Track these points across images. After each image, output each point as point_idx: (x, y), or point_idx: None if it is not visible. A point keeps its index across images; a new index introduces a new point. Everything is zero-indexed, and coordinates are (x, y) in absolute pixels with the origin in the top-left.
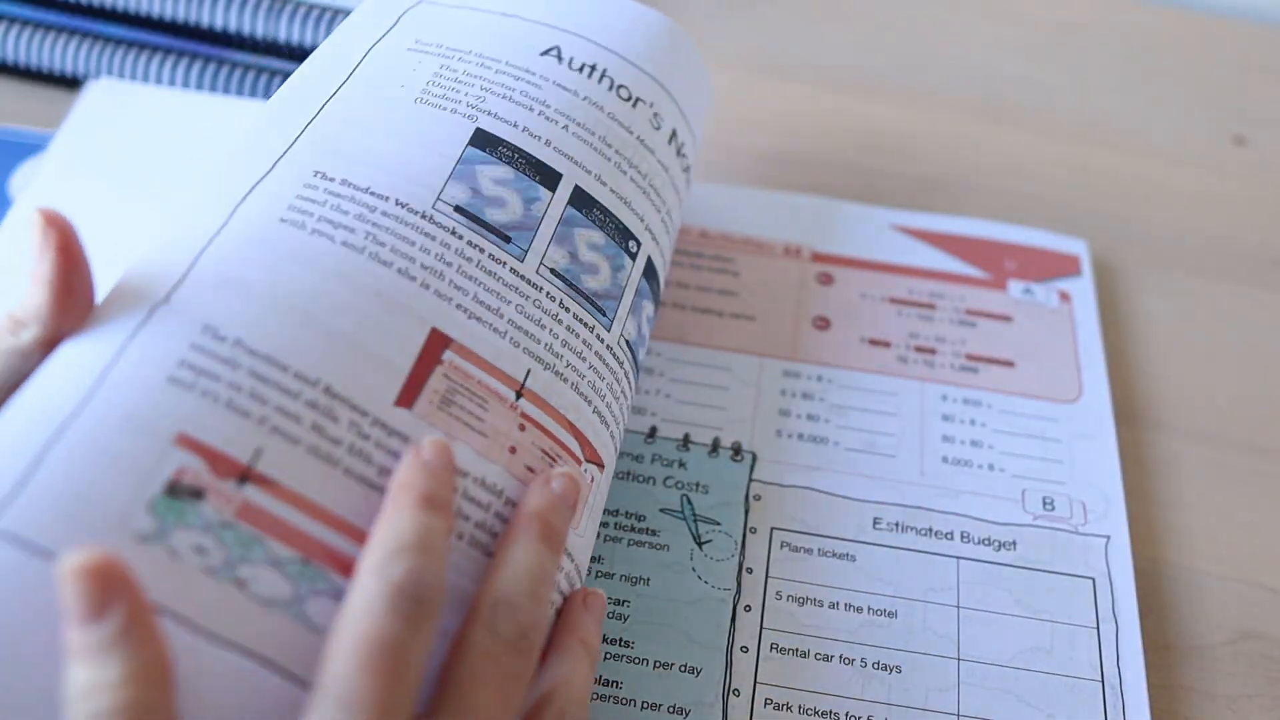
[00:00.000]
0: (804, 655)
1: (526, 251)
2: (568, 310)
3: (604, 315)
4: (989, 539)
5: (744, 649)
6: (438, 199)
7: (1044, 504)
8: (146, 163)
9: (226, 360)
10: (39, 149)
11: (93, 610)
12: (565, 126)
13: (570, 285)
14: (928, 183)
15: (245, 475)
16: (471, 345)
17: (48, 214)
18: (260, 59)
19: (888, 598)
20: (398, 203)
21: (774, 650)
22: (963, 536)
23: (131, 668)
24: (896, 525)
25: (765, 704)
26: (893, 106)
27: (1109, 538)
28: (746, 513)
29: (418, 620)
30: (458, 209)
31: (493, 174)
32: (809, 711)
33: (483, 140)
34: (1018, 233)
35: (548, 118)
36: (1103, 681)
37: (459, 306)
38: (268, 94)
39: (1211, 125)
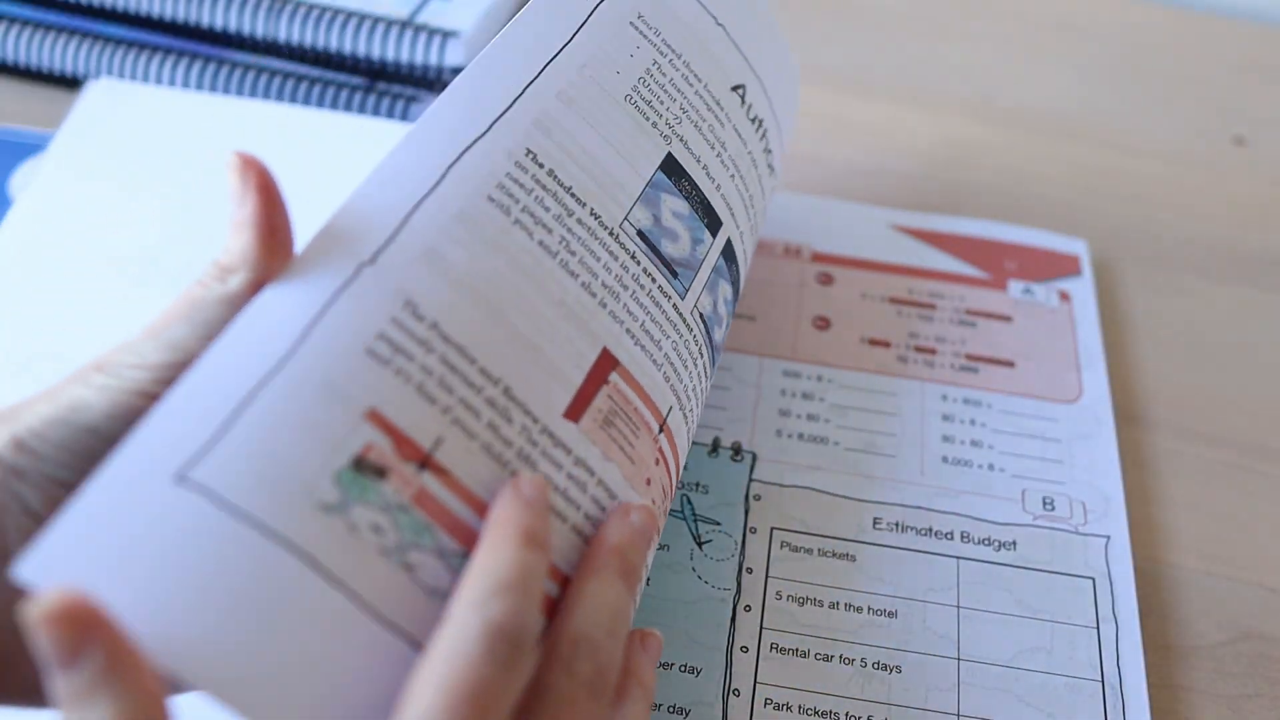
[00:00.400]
0: (804, 655)
1: (687, 291)
2: (702, 357)
3: (713, 368)
4: (989, 539)
5: (744, 649)
6: (625, 218)
7: (1044, 504)
8: (146, 163)
9: (422, 342)
10: (39, 149)
11: (67, 656)
12: (733, 176)
13: (708, 333)
14: (928, 183)
15: (425, 462)
16: (634, 371)
17: (244, 156)
18: (260, 59)
19: (888, 598)
20: (592, 213)
21: (774, 650)
22: (963, 536)
23: (118, 710)
24: (896, 525)
25: (765, 704)
26: (893, 106)
27: (1109, 538)
28: (746, 513)
29: (512, 663)
30: (640, 233)
31: (673, 206)
32: (809, 711)
33: (670, 167)
34: (1018, 233)
35: (723, 162)
36: (1103, 681)
37: (628, 331)
38: (268, 94)
39: (1211, 125)
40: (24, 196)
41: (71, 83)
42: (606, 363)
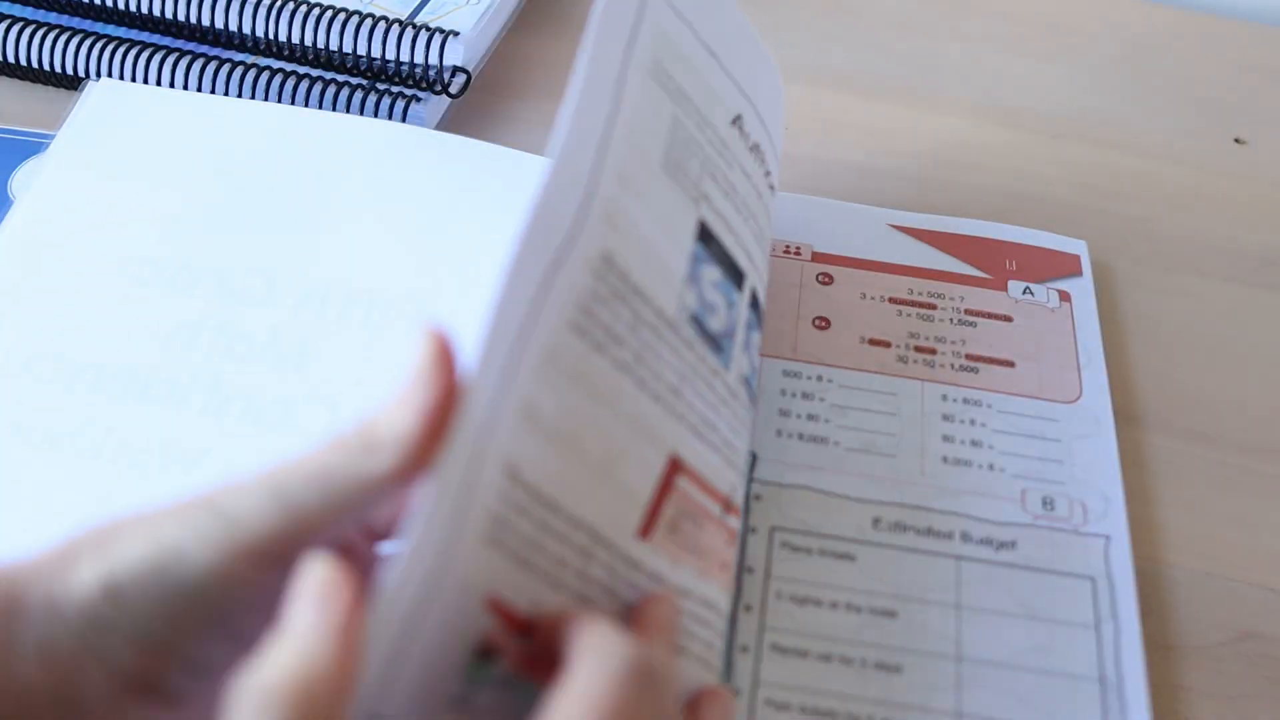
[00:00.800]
0: (804, 655)
1: (731, 360)
2: (748, 416)
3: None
4: (989, 539)
5: (744, 649)
6: (679, 305)
7: (1044, 504)
8: (147, 163)
9: (522, 510)
10: (39, 149)
11: (313, 602)
12: (746, 220)
13: (750, 393)
14: (928, 183)
15: (527, 629)
16: (696, 466)
17: (441, 341)
18: (260, 59)
19: (888, 598)
20: (657, 311)
21: (774, 650)
22: (963, 536)
23: (323, 662)
24: (896, 525)
25: (765, 704)
26: (893, 106)
27: (1109, 538)
28: (746, 513)
29: (654, 691)
30: (692, 317)
31: (711, 275)
32: (809, 711)
33: (703, 233)
34: (1018, 233)
35: (737, 208)
36: (1103, 681)
37: (690, 427)
38: (268, 94)
39: (1211, 125)
40: (25, 197)
41: (71, 83)
42: (673, 469)
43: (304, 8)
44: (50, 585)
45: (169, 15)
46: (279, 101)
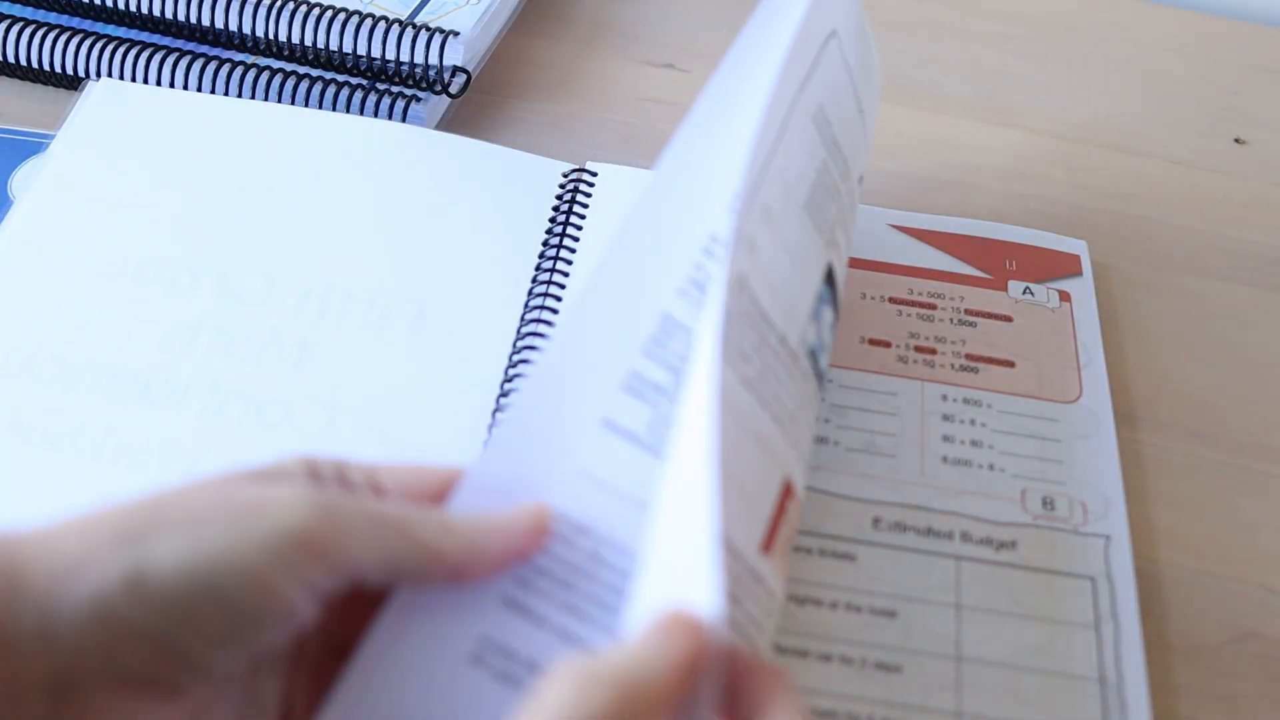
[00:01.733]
0: (804, 655)
1: (825, 397)
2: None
3: None
4: (989, 539)
5: None
6: (801, 338)
7: (1044, 504)
8: (147, 163)
9: None
10: (39, 149)
11: (663, 633)
12: (845, 265)
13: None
14: (928, 183)
15: None
16: (799, 490)
17: (540, 519)
18: (260, 59)
19: (888, 598)
20: (779, 339)
21: (774, 650)
22: (963, 536)
23: (661, 681)
24: (896, 525)
25: None
26: (894, 106)
27: (1109, 538)
28: None
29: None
30: (810, 352)
31: (828, 318)
32: (809, 711)
33: (829, 277)
34: (1018, 233)
35: (846, 255)
36: (1103, 681)
37: (799, 455)
38: (268, 94)
39: (1211, 125)
40: (25, 197)
41: (71, 83)
42: (787, 490)
43: (304, 8)
44: (58, 563)
45: (169, 15)
46: (279, 101)
